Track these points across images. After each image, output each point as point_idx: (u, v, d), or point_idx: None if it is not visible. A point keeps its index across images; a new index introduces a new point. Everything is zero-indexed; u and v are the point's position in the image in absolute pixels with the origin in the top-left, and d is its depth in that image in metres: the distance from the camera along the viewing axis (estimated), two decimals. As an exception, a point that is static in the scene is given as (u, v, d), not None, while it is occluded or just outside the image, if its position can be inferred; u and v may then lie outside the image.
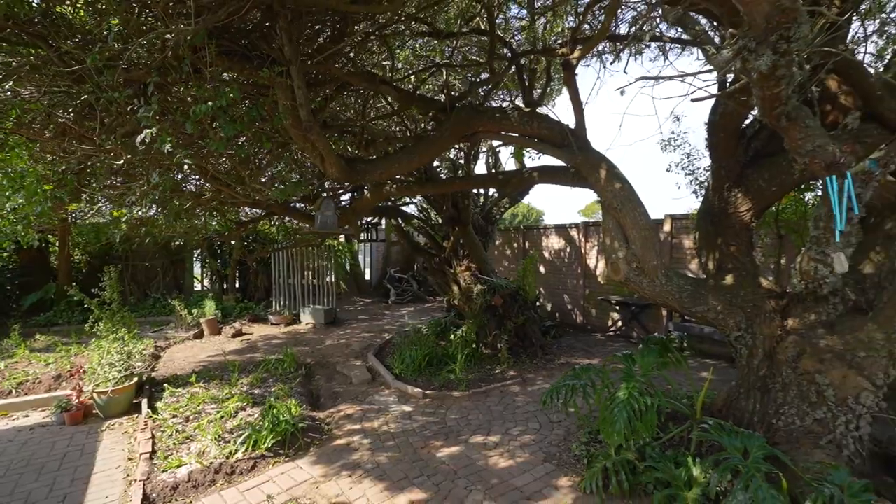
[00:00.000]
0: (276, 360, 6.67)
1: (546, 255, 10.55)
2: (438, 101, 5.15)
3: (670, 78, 2.98)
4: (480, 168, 19.26)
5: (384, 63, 5.72)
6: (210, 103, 2.84)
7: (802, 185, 5.00)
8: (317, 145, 3.78)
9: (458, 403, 5.31)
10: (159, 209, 5.67)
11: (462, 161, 8.30)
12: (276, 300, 11.09)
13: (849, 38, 3.84)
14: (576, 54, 4.07)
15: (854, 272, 3.23)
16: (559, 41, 5.27)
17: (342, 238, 13.84)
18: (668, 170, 6.30)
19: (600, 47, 5.76)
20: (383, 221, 12.10)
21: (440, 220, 8.51)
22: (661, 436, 3.68)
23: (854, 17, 3.67)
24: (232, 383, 5.60)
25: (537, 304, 9.96)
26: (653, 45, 5.26)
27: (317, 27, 4.25)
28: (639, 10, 5.29)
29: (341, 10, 3.53)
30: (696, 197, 7.44)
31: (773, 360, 3.44)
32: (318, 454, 4.07)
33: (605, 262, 3.80)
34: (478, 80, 6.16)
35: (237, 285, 12.37)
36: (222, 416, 4.56)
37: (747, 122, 3.80)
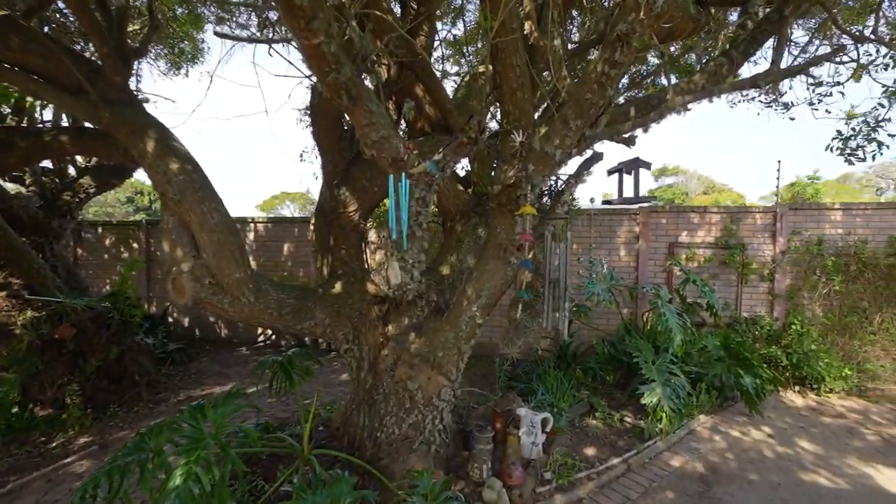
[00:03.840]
0: None
1: (179, 256, 8.34)
2: None
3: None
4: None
5: None
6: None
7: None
8: None
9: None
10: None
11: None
12: None
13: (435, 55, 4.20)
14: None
15: (435, 273, 3.40)
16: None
17: None
18: (301, 157, 5.62)
19: None
20: None
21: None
22: (266, 489, 2.90)
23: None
24: None
25: (166, 320, 7.70)
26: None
27: None
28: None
29: None
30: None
31: (377, 370, 3.25)
32: None
33: (167, 277, 2.63)
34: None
35: None
36: None
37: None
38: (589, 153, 2.94)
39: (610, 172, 3.72)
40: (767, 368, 5.03)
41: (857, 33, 2.97)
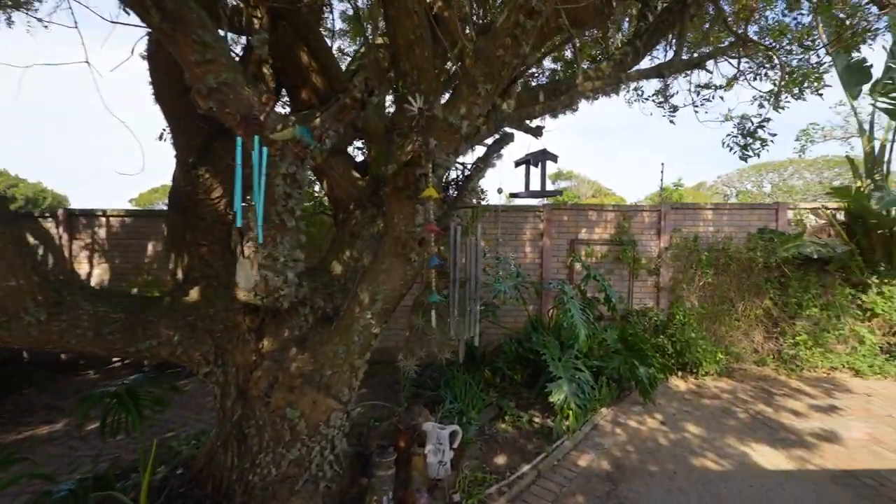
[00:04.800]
0: None
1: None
2: None
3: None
4: None
5: None
6: None
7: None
8: None
9: None
10: None
11: None
12: None
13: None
14: None
15: (324, 275, 2.85)
16: None
17: None
18: (161, 138, 4.51)
19: None
20: None
21: None
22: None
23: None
24: None
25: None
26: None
27: None
28: None
29: None
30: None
31: (248, 397, 2.60)
32: None
33: None
34: None
35: None
36: None
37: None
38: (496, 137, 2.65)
39: (517, 164, 3.51)
40: (658, 357, 5.33)
41: (742, 33, 3.18)
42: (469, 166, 2.65)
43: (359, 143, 4.57)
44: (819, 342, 5.93)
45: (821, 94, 4.19)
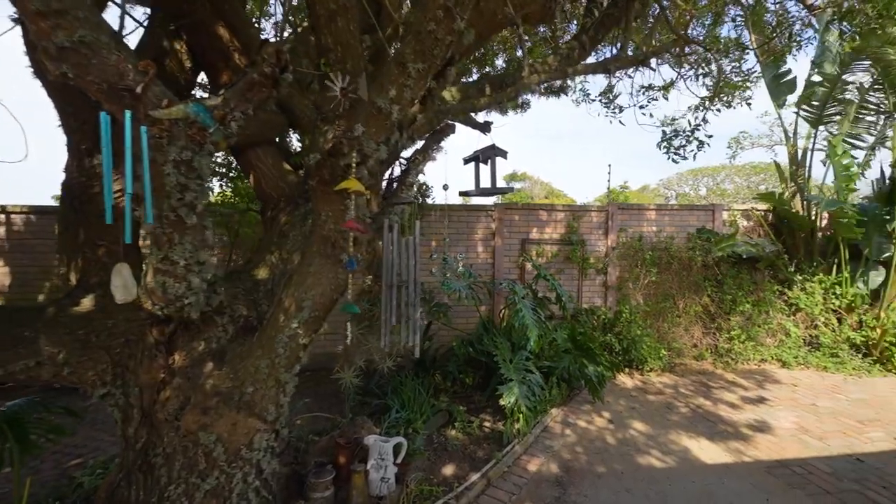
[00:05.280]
0: None
1: None
2: None
3: None
4: None
5: None
6: None
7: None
8: None
9: None
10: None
11: None
12: None
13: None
14: None
15: (246, 279, 2.54)
16: None
17: None
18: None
19: None
20: None
21: None
22: None
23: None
24: None
25: None
26: None
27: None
28: None
29: None
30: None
31: (154, 421, 2.26)
32: None
33: None
34: None
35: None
36: None
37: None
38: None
39: (466, 161, 3.36)
40: (606, 355, 5.39)
41: (683, 34, 3.24)
42: (406, 159, 2.46)
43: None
44: (751, 336, 6.27)
45: (749, 104, 4.39)
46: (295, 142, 4.52)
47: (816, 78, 6.47)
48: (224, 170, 4.41)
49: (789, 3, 3.70)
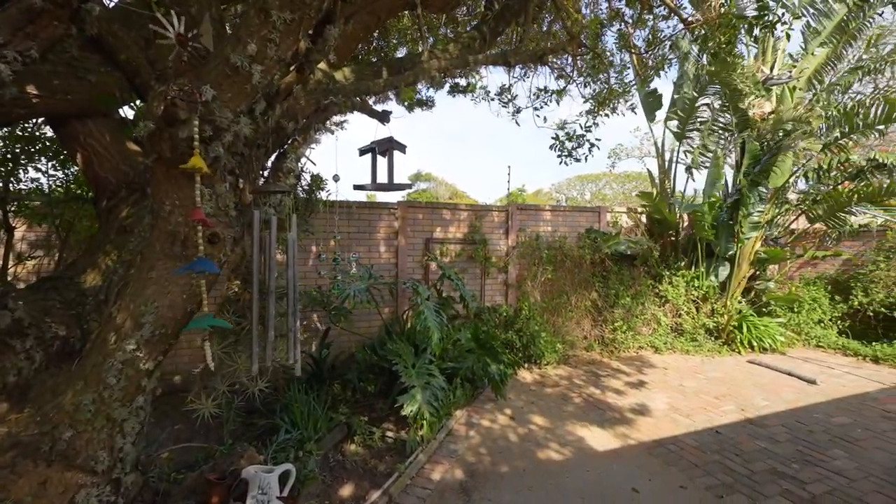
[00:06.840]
0: None
1: None
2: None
3: None
4: None
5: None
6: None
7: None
8: None
9: None
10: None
11: None
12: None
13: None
14: None
15: (70, 287, 1.96)
16: None
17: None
18: None
19: None
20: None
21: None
22: None
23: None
24: None
25: None
26: None
27: None
28: None
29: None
30: None
31: None
32: None
33: None
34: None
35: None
36: None
37: None
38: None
39: (361, 152, 3.08)
40: (508, 352, 5.50)
41: (575, 34, 3.38)
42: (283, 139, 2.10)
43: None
44: (630, 326, 6.94)
45: (634, 110, 4.79)
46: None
47: (678, 97, 7.41)
48: (49, 143, 3.47)
49: (661, 22, 4.16)
